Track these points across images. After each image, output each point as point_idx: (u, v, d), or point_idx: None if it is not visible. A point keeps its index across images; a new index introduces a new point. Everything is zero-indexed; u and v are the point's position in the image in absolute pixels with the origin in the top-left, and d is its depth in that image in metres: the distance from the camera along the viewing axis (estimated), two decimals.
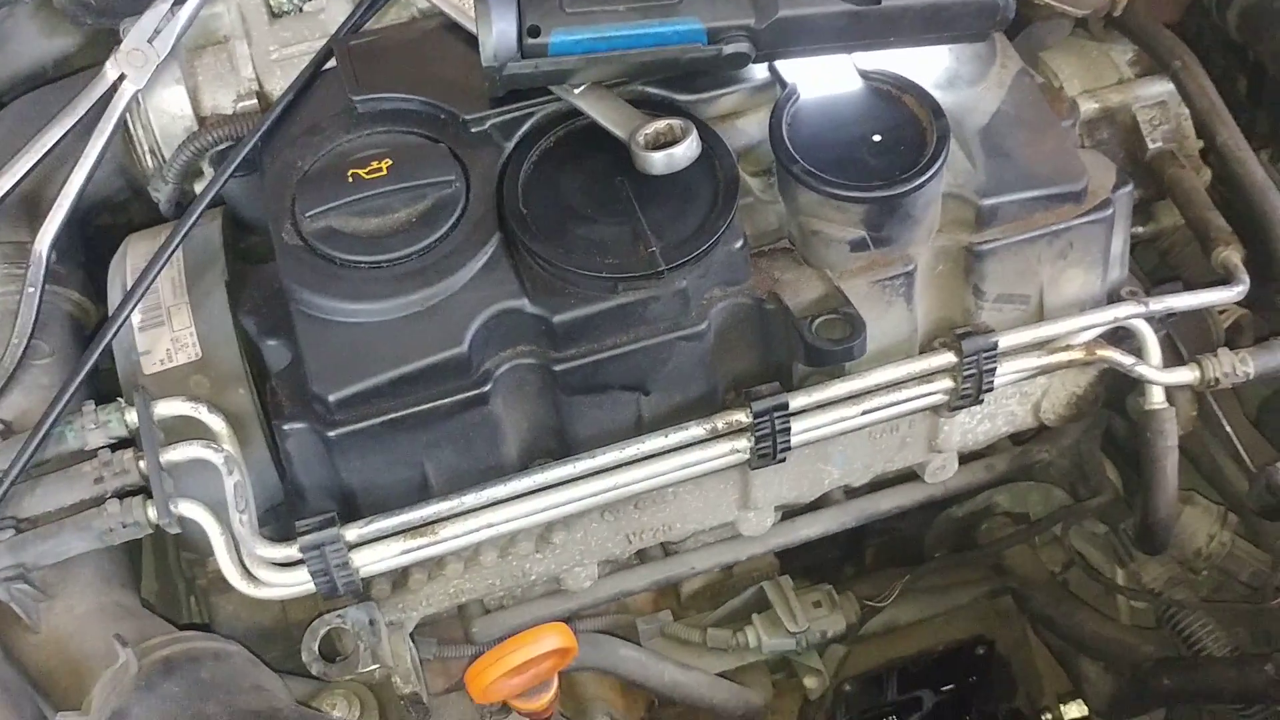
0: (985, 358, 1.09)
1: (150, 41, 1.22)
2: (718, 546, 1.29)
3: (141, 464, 1.03)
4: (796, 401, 1.07)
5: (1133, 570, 1.43)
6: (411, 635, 1.16)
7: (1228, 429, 1.27)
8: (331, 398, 1.01)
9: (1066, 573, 1.53)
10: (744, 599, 1.44)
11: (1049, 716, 1.61)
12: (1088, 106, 1.30)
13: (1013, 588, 1.52)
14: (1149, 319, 1.15)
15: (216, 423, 1.06)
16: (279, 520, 1.11)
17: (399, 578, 1.14)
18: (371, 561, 1.04)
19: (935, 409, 1.15)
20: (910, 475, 1.31)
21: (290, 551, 1.02)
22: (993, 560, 1.53)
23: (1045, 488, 1.51)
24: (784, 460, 1.10)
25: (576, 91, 1.10)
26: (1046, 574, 1.51)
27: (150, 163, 1.25)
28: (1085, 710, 1.58)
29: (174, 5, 1.23)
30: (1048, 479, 1.50)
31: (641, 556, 1.30)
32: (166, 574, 1.35)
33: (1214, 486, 1.37)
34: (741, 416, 1.06)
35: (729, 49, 1.08)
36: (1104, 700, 1.50)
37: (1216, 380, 1.15)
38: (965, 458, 1.31)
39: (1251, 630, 1.37)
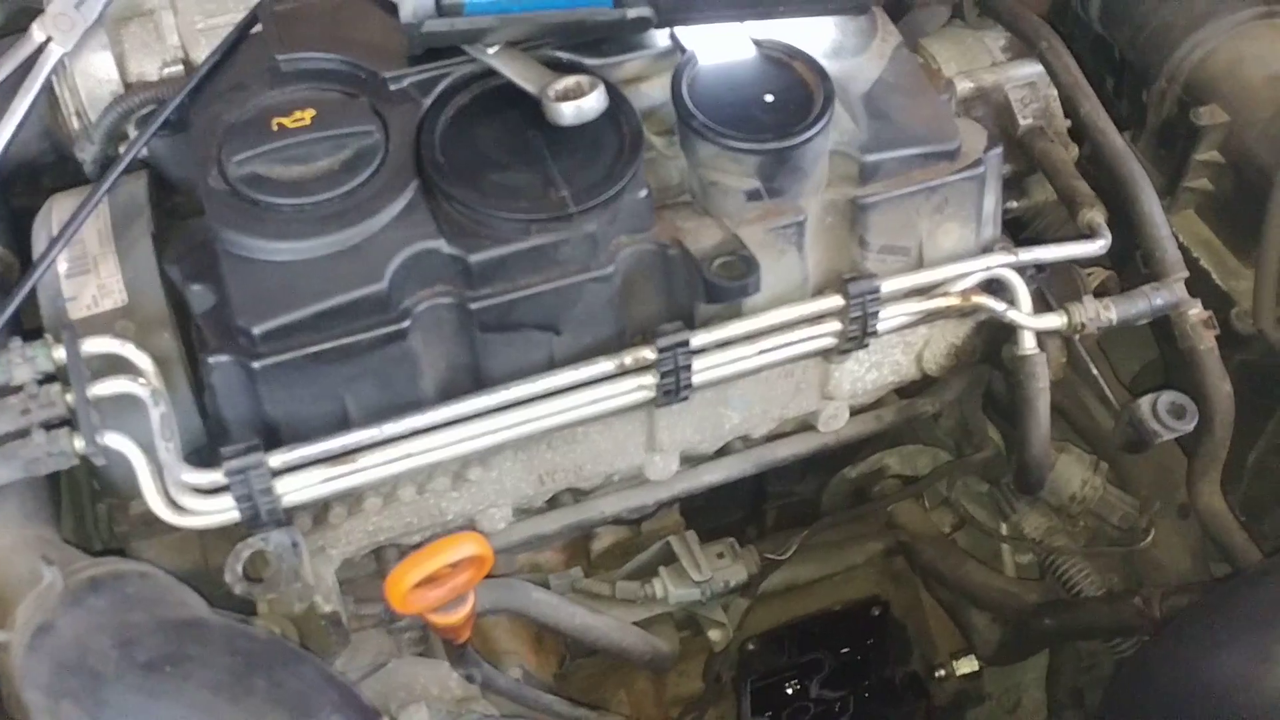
0: (869, 300, 1.18)
1: (77, 7, 1.27)
2: (626, 492, 1.36)
3: (69, 397, 1.07)
4: (697, 339, 1.15)
5: (1015, 523, 1.53)
6: None
7: (1094, 372, 1.38)
8: (256, 330, 1.06)
9: (956, 533, 1.63)
10: (651, 554, 1.51)
11: (942, 673, 1.69)
12: (963, 86, 1.40)
13: (904, 543, 1.61)
14: (1019, 270, 1.25)
15: (143, 360, 1.09)
16: (202, 463, 1.15)
17: (320, 512, 1.19)
18: (294, 489, 1.08)
19: (825, 353, 1.23)
20: (806, 428, 1.39)
21: (215, 477, 1.06)
22: (886, 519, 1.62)
23: (933, 450, 1.61)
24: (686, 399, 1.18)
25: (491, 52, 1.17)
26: (936, 531, 1.60)
27: (76, 125, 1.29)
28: (976, 665, 1.67)
29: None
30: (935, 442, 1.60)
31: (552, 504, 1.36)
32: (84, 533, 1.37)
33: (1084, 437, 1.47)
34: (647, 353, 1.14)
35: (632, 13, 1.16)
36: (991, 649, 1.59)
37: (1083, 325, 1.26)
38: (856, 410, 1.40)
39: (1124, 572, 1.48)
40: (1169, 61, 1.44)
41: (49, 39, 1.25)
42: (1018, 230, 1.54)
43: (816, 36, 1.25)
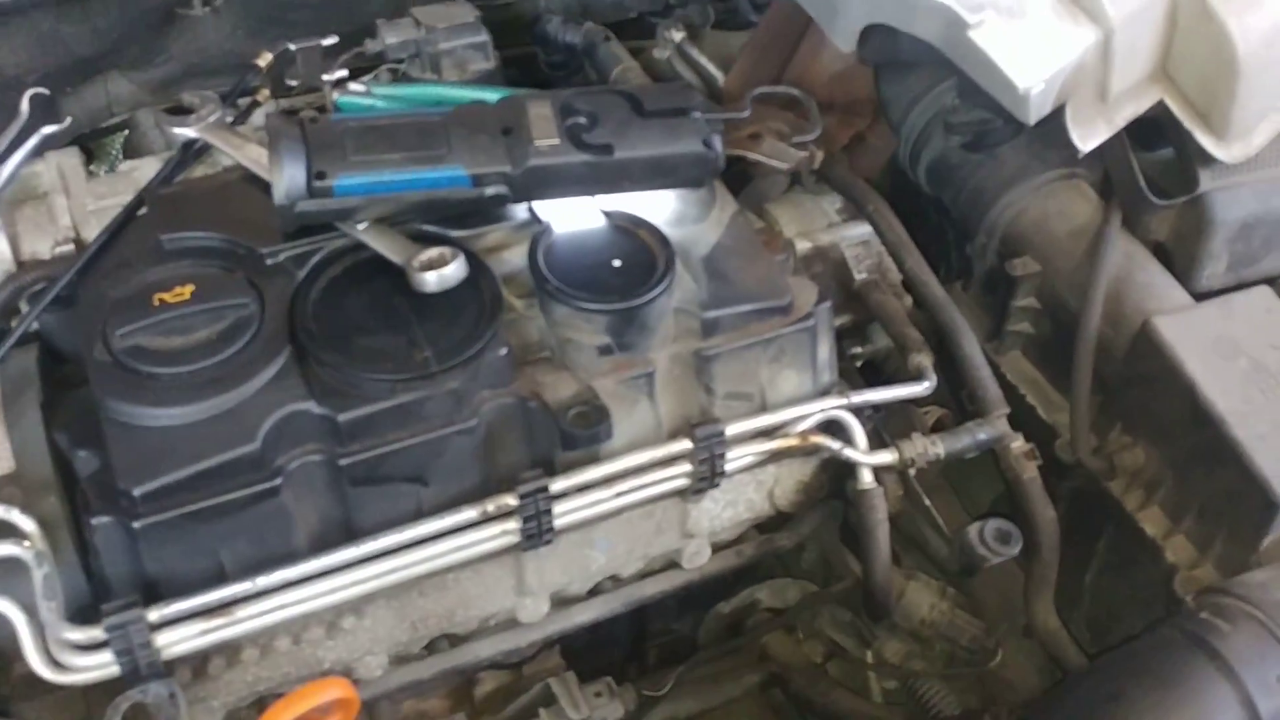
0: (716, 443, 1.28)
1: None
2: (500, 635, 1.42)
3: None
4: (557, 485, 1.24)
5: (877, 649, 1.61)
6: None
7: (926, 502, 1.49)
8: (136, 491, 1.13)
9: (828, 662, 1.71)
10: (532, 696, 1.55)
11: None
12: (803, 246, 1.54)
13: (778, 674, 1.68)
14: (854, 411, 1.37)
15: (27, 523, 1.15)
16: (86, 622, 1.20)
17: (199, 664, 1.23)
18: (173, 642, 1.13)
19: (681, 494, 1.33)
20: (672, 565, 1.48)
21: (95, 633, 1.11)
22: (759, 651, 1.69)
23: (801, 583, 1.70)
24: (550, 542, 1.26)
25: (360, 228, 1.28)
26: (808, 661, 1.68)
27: None
28: None
29: None
30: (802, 574, 1.69)
31: (430, 650, 1.42)
32: None
33: (934, 564, 1.57)
34: (509, 500, 1.22)
35: (490, 191, 1.29)
36: None
37: (913, 460, 1.37)
38: (718, 547, 1.49)
39: (979, 692, 1.56)
40: (986, 218, 1.59)
41: None
42: (873, 373, 1.67)
43: (660, 207, 1.38)
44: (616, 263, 1.31)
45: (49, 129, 1.42)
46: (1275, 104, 1.44)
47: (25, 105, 1.42)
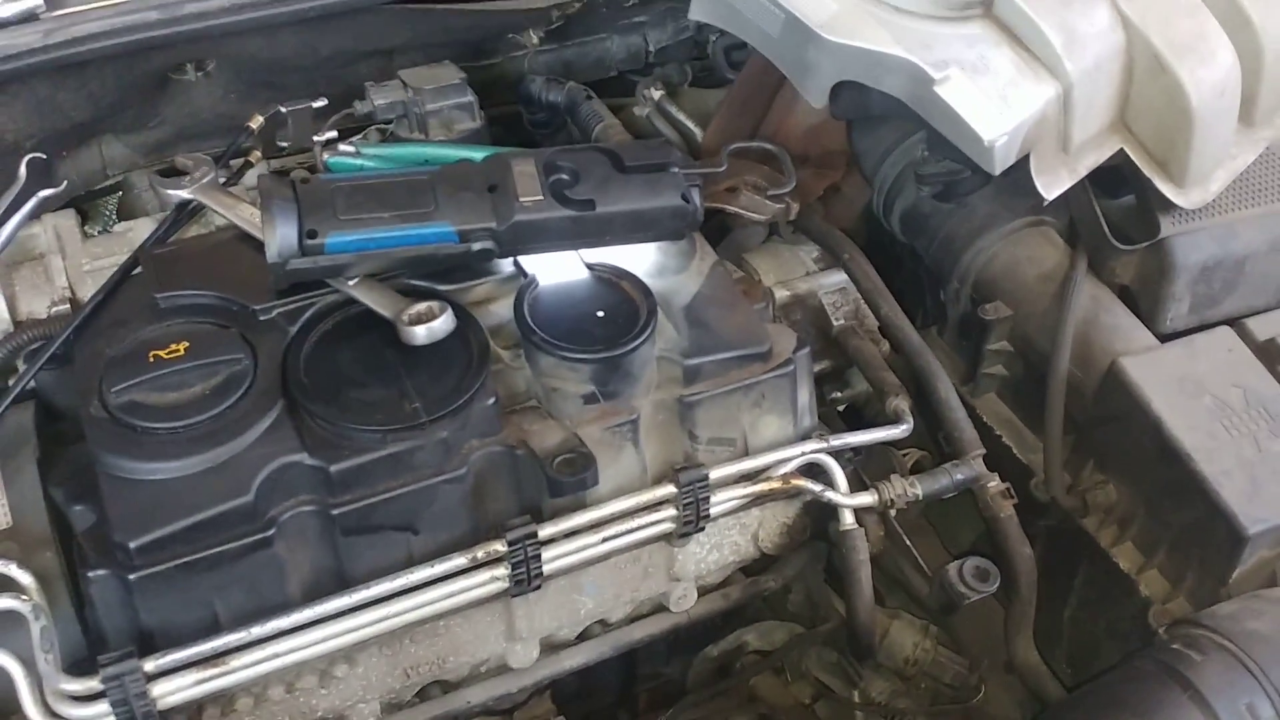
0: (700, 488, 1.31)
1: None
2: (491, 681, 1.44)
3: None
4: (545, 531, 1.27)
5: (864, 689, 1.64)
6: None
7: (907, 542, 1.52)
8: (132, 544, 1.15)
9: (816, 703, 1.73)
10: None
11: None
12: (781, 294, 1.59)
13: (766, 716, 1.70)
14: (834, 454, 1.40)
15: (24, 577, 1.18)
16: (82, 674, 1.22)
17: (194, 714, 1.25)
18: (168, 692, 1.15)
19: (667, 538, 1.36)
20: (660, 609, 1.50)
21: (92, 684, 1.13)
22: (748, 693, 1.71)
23: (788, 625, 1.72)
24: (539, 587, 1.29)
25: (351, 283, 1.32)
26: (795, 702, 1.70)
27: None
28: None
29: None
30: (789, 616, 1.72)
31: (422, 697, 1.43)
32: None
33: (914, 601, 1.60)
34: (498, 546, 1.25)
35: (476, 246, 1.33)
36: None
37: (892, 501, 1.40)
38: (704, 590, 1.51)
39: None
40: (958, 265, 1.64)
41: None
42: (853, 417, 1.71)
43: (642, 259, 1.42)
44: (600, 313, 1.34)
45: (46, 192, 1.46)
46: (1230, 151, 1.50)
47: (23, 170, 1.46)
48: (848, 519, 1.41)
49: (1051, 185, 1.43)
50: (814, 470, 1.40)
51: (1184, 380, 1.41)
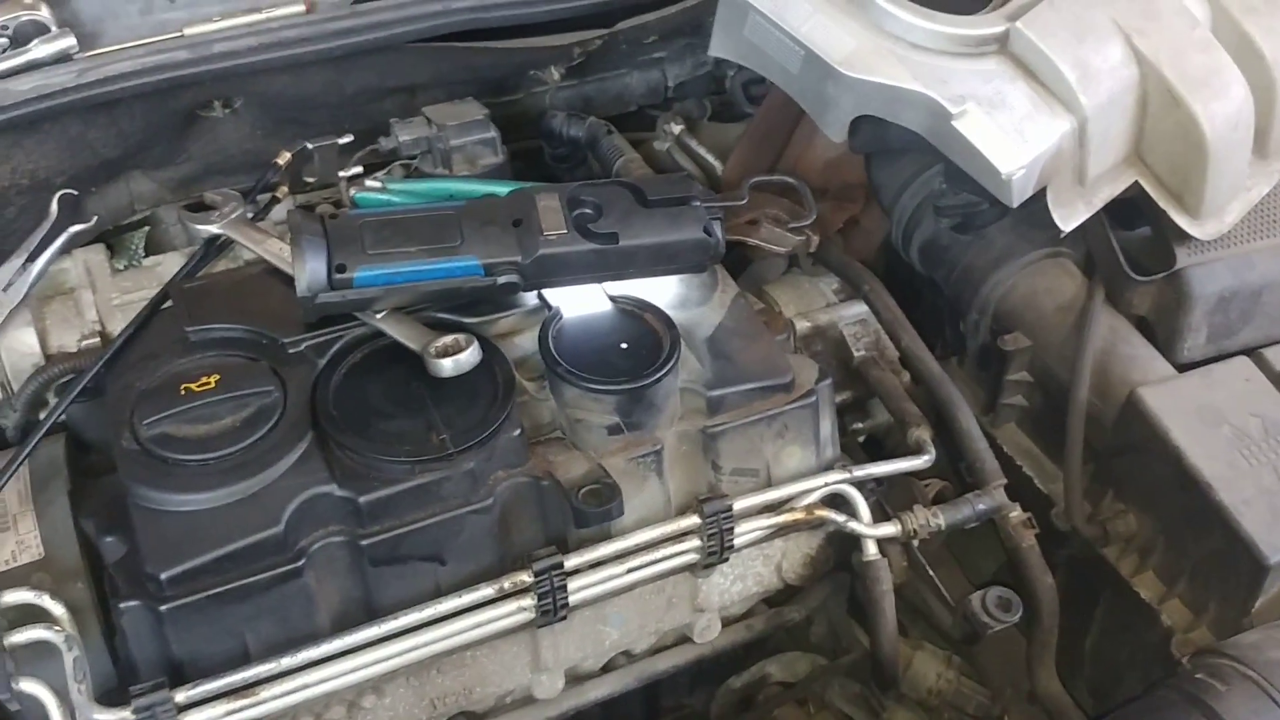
0: (723, 518, 1.33)
1: (4, 290, 1.42)
2: (517, 712, 1.44)
3: None
4: (570, 562, 1.28)
5: (886, 719, 1.64)
6: None
7: (930, 572, 1.53)
8: (163, 575, 1.17)
9: None
10: None
11: None
12: (802, 325, 1.60)
13: None
14: (857, 485, 1.41)
15: (57, 608, 1.19)
16: (113, 704, 1.23)
17: None
18: None
19: (691, 569, 1.37)
20: (683, 640, 1.51)
21: (124, 714, 1.14)
22: None
23: (810, 656, 1.72)
24: (565, 618, 1.30)
25: (379, 316, 1.34)
26: None
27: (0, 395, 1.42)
28: None
29: (26, 261, 1.45)
30: (812, 647, 1.72)
31: None
32: None
33: (937, 631, 1.60)
34: (525, 576, 1.26)
35: (502, 279, 1.35)
36: None
37: (915, 531, 1.41)
38: (728, 621, 1.52)
39: None
40: (977, 296, 1.66)
41: None
42: (875, 447, 1.72)
43: (665, 291, 1.44)
44: (624, 345, 1.36)
45: (76, 228, 1.49)
46: (1245, 183, 1.51)
47: (54, 206, 1.48)
48: (871, 550, 1.42)
49: (1068, 218, 1.44)
50: (837, 501, 1.41)
51: (1203, 410, 1.42)
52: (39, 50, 1.49)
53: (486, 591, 1.25)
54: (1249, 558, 1.32)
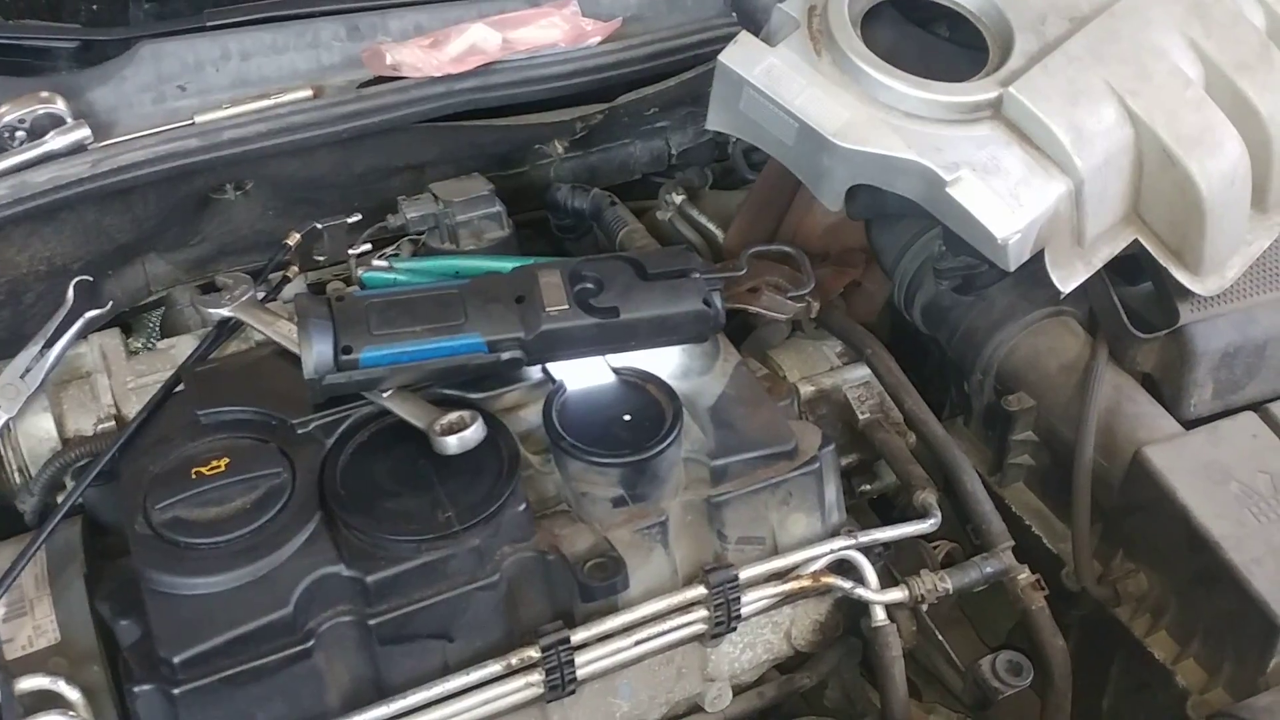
0: (730, 588, 1.33)
1: (22, 377, 1.45)
2: None
3: None
4: (578, 636, 1.28)
5: None
6: None
7: (939, 637, 1.52)
8: (176, 659, 1.18)
9: None
10: None
11: None
12: (806, 390, 1.61)
13: None
14: (864, 550, 1.41)
15: (73, 693, 1.21)
16: None
17: None
18: None
19: (699, 639, 1.37)
20: (695, 709, 1.51)
21: None
22: None
23: None
24: (573, 692, 1.30)
25: (385, 395, 1.36)
26: None
27: (17, 480, 1.45)
28: None
29: (43, 348, 1.48)
30: (824, 712, 1.71)
31: None
32: None
33: (950, 694, 1.59)
34: (532, 652, 1.27)
35: (505, 356, 1.37)
36: None
37: (923, 596, 1.41)
38: (739, 689, 1.52)
39: None
40: (980, 357, 1.66)
41: None
42: (885, 507, 1.72)
43: (667, 362, 1.46)
44: (627, 417, 1.37)
45: (92, 314, 1.53)
46: (1245, 238, 1.52)
47: (71, 293, 1.52)
48: (879, 615, 1.41)
49: (1067, 279, 1.45)
50: (844, 567, 1.42)
51: (1209, 467, 1.42)
52: (55, 141, 1.53)
53: (494, 668, 1.26)
54: (1261, 618, 1.31)
